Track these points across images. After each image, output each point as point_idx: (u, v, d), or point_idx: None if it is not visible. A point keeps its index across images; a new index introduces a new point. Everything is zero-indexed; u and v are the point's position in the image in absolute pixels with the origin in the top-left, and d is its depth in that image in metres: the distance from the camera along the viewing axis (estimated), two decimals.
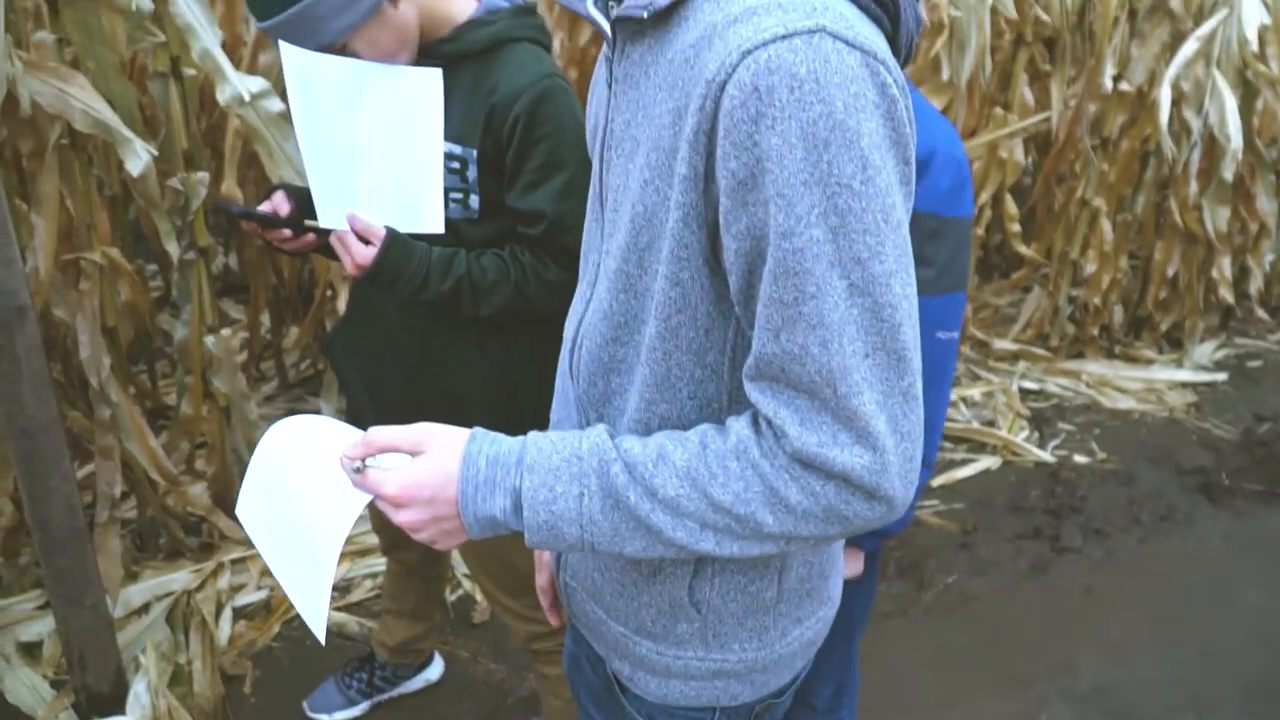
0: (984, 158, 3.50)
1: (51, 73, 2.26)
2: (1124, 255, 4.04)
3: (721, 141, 0.84)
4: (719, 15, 0.85)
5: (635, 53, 0.97)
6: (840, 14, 0.82)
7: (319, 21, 1.56)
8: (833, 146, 0.80)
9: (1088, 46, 3.48)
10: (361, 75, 1.64)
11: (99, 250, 2.49)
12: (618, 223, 0.99)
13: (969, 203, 1.53)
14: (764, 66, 0.80)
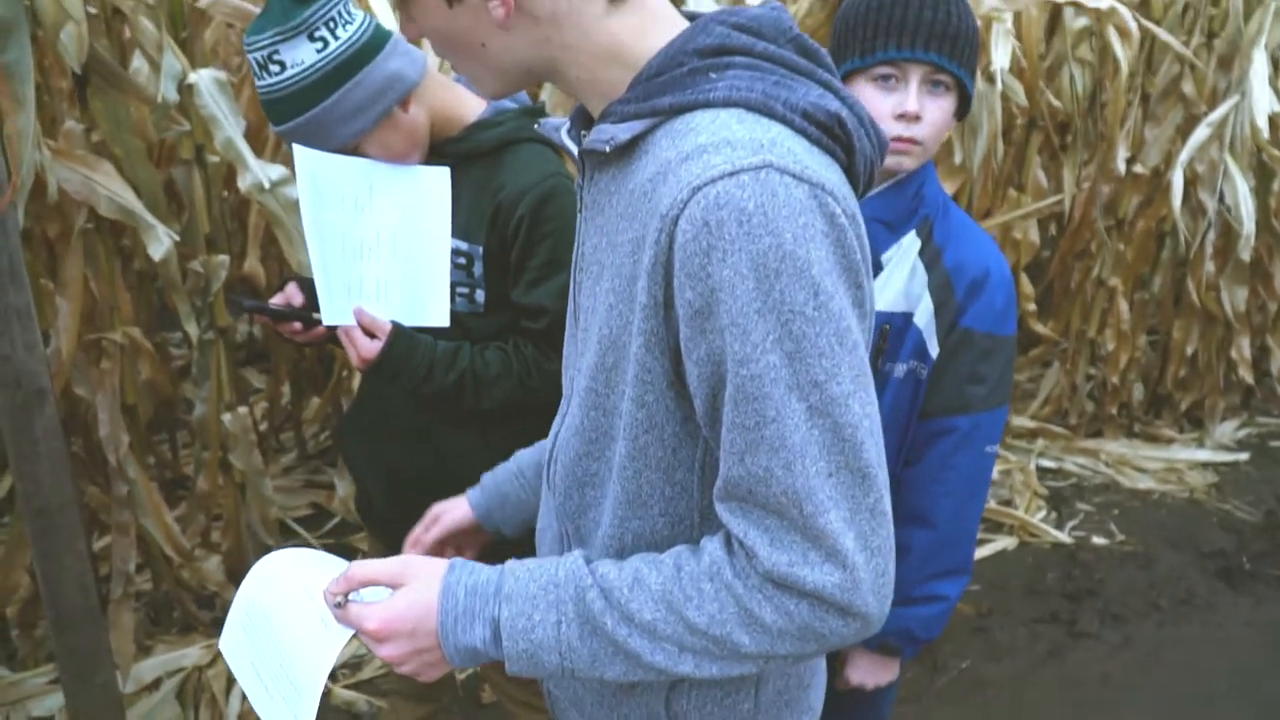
0: (998, 238, 3.52)
1: (79, 160, 2.34)
2: (1142, 334, 4.03)
3: (677, 273, 0.87)
4: (673, 152, 0.89)
5: (602, 181, 1.01)
6: (789, 149, 0.86)
7: (332, 126, 1.62)
8: (784, 276, 0.83)
9: (1100, 130, 3.50)
10: (372, 173, 1.69)
11: (121, 330, 2.55)
12: (588, 342, 1.02)
13: (1015, 320, 1.59)
14: (713, 202, 0.84)
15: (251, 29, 1.60)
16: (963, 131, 3.05)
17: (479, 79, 1.03)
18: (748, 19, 0.94)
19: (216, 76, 2.39)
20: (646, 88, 0.93)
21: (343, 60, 1.60)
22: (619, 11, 0.95)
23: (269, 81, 1.60)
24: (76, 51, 2.22)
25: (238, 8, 2.41)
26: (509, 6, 0.92)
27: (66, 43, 2.20)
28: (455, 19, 0.96)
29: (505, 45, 0.96)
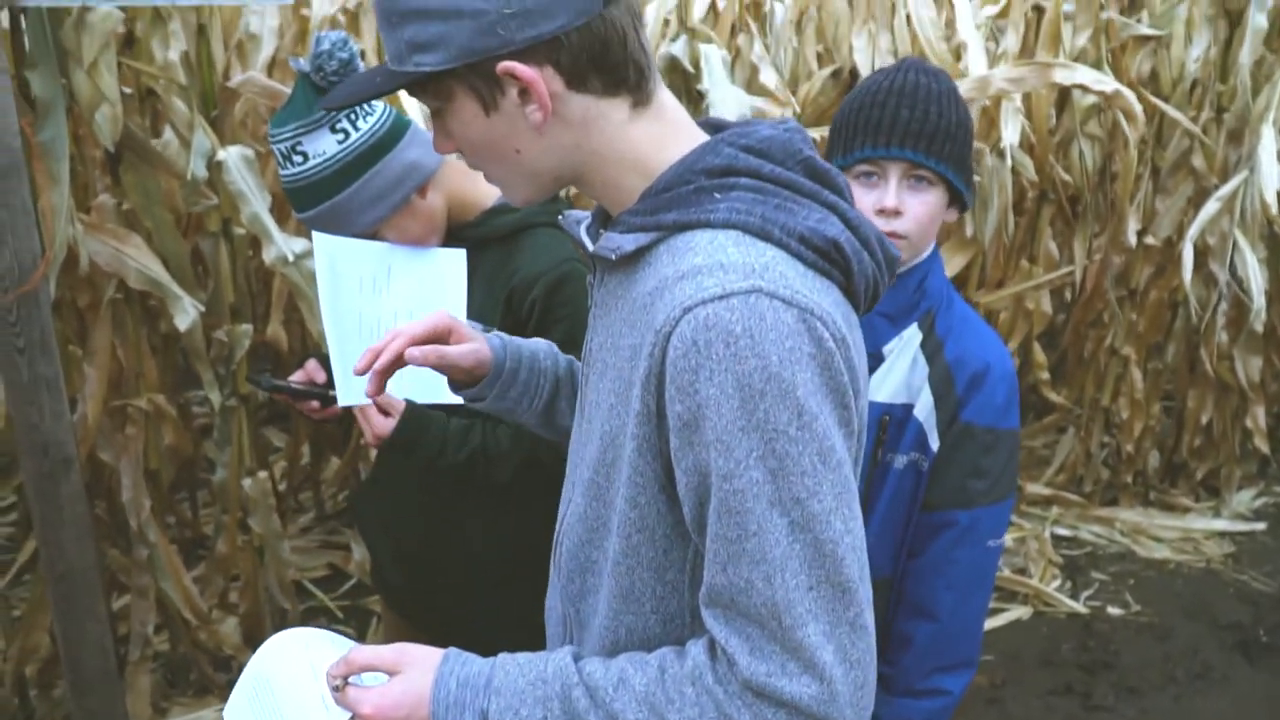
0: (1011, 308, 3.55)
1: (110, 234, 2.41)
2: (1156, 402, 4.03)
3: (668, 387, 0.91)
4: (672, 269, 0.94)
5: (610, 283, 1.06)
6: (780, 274, 0.90)
7: (353, 214, 1.68)
8: (768, 396, 0.87)
9: (1111, 202, 3.55)
10: (389, 256, 1.74)
11: (146, 397, 2.61)
12: (591, 435, 1.07)
13: (1017, 414, 1.60)
14: (702, 323, 0.88)
15: (275, 121, 1.66)
16: (974, 204, 3.10)
17: (510, 185, 1.07)
18: (758, 141, 0.99)
19: (244, 154, 2.47)
20: (654, 201, 0.98)
21: (363, 151, 1.66)
22: (642, 120, 1.00)
23: (292, 171, 1.67)
24: (111, 131, 2.30)
25: (267, 87, 2.50)
26: (547, 111, 0.96)
27: (101, 123, 2.29)
28: (493, 127, 0.99)
29: (538, 151, 1.00)
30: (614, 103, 0.99)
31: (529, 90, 0.95)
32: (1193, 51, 3.42)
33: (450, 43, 0.94)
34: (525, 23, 0.93)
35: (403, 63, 0.98)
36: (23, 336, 2.17)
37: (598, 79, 0.97)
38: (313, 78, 1.64)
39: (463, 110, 1.00)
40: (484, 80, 0.96)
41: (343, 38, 1.65)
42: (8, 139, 2.07)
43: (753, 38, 2.91)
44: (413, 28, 0.95)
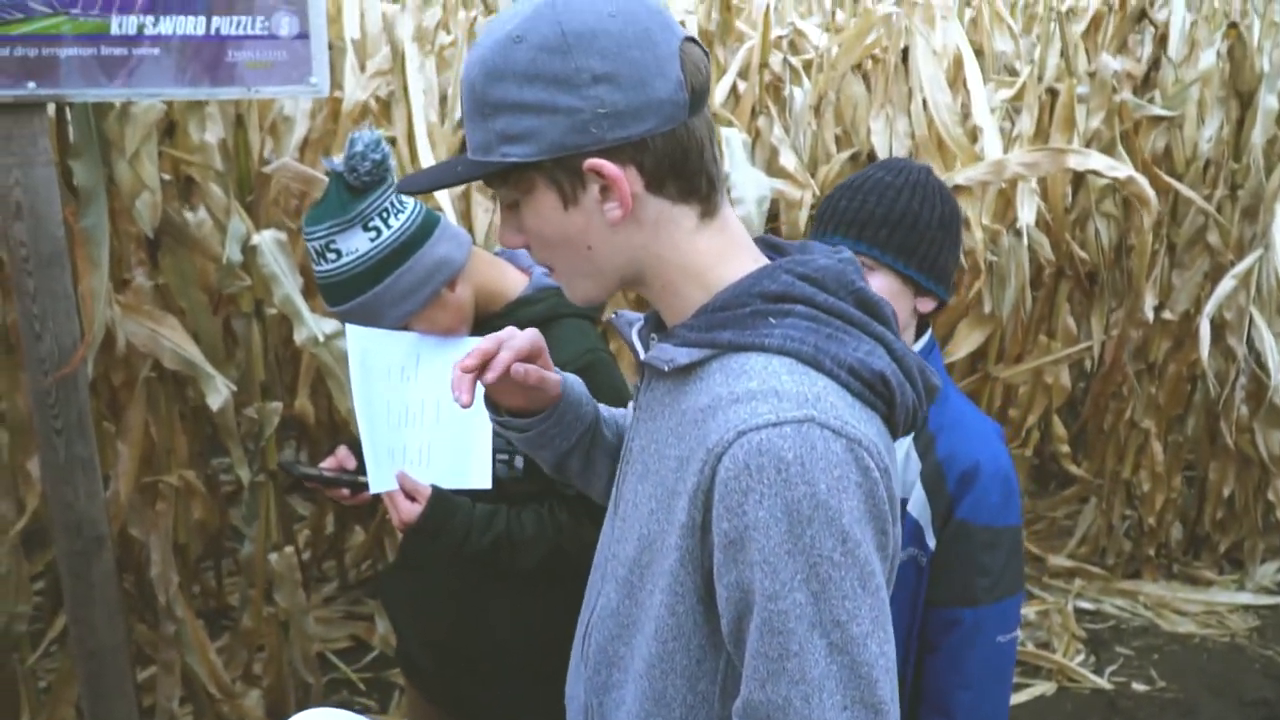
0: (1030, 382, 3.58)
1: (147, 315, 2.48)
2: (1178, 475, 4.03)
3: (716, 504, 0.94)
4: (726, 390, 0.97)
5: (658, 390, 1.09)
6: (832, 404, 0.94)
7: (384, 308, 1.73)
8: (815, 523, 0.91)
9: (1128, 278, 3.58)
10: (418, 345, 1.79)
11: (176, 473, 2.66)
12: (627, 534, 1.09)
13: (1017, 511, 1.61)
14: (755, 448, 0.92)
15: (310, 218, 1.72)
16: (992, 282, 3.14)
17: (575, 281, 1.09)
18: (814, 270, 1.02)
19: (278, 237, 2.54)
20: (711, 318, 1.01)
21: (395, 248, 1.71)
22: (707, 230, 1.04)
23: (326, 268, 1.72)
24: (150, 217, 2.38)
25: (300, 173, 2.58)
26: (626, 209, 0.99)
27: (141, 209, 2.37)
28: (569, 222, 1.02)
29: (610, 249, 1.03)
30: (685, 210, 1.02)
31: (611, 188, 0.98)
32: (1205, 131, 3.47)
33: (542, 137, 0.97)
34: (616, 123, 0.96)
35: (489, 153, 1.00)
36: (60, 418, 2.22)
37: (673, 185, 1.01)
38: (346, 178, 1.70)
39: (542, 203, 1.02)
40: (568, 175, 0.99)
41: (376, 139, 1.71)
42: (52, 228, 2.14)
43: (772, 120, 2.98)
44: (505, 120, 0.98)
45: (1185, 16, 3.68)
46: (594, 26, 0.96)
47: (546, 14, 0.97)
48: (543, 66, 0.96)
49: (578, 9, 0.97)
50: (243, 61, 2.18)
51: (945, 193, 1.67)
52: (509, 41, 0.98)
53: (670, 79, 0.98)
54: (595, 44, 0.96)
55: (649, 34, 0.98)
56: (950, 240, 1.65)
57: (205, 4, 2.13)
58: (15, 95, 2.04)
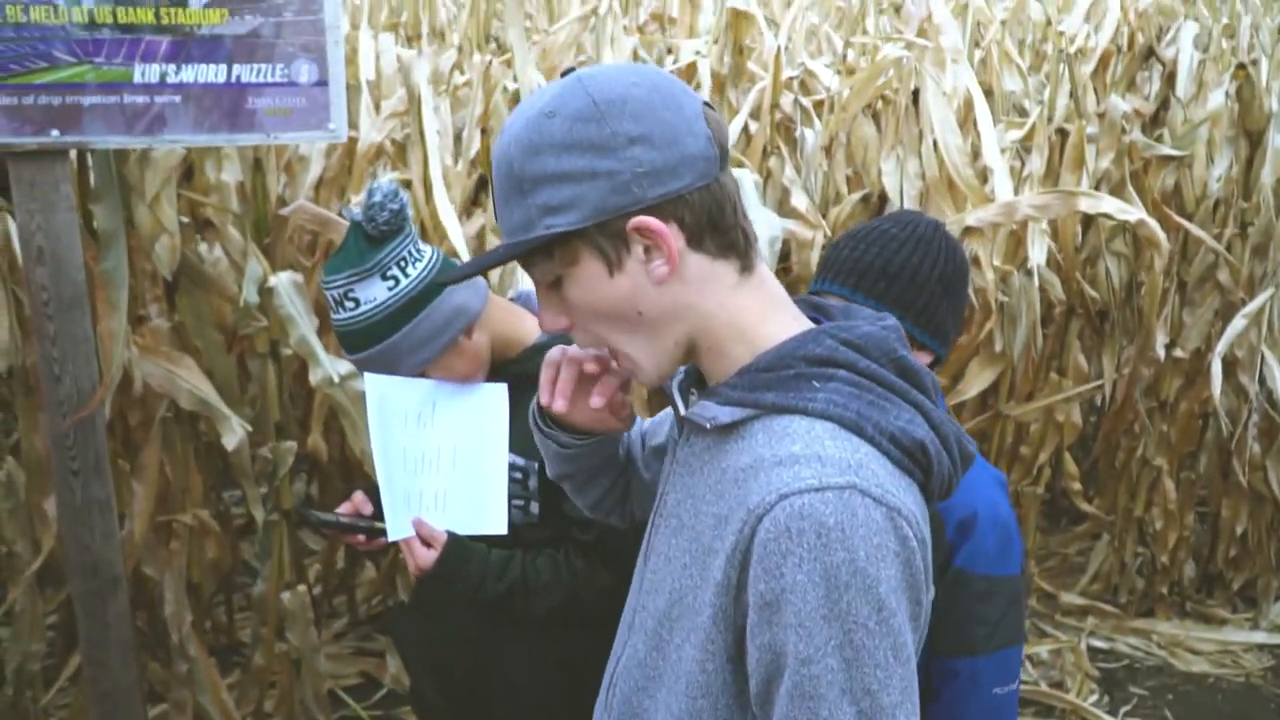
0: (1041, 420, 3.57)
1: (164, 356, 2.50)
2: (1190, 512, 4.01)
3: (754, 565, 0.95)
4: (768, 452, 0.98)
5: (697, 445, 1.10)
6: (873, 471, 0.95)
7: (402, 356, 1.74)
8: (852, 589, 0.92)
9: (1138, 316, 3.59)
10: (435, 392, 1.81)
11: (190, 512, 2.67)
12: (659, 587, 1.10)
13: (1016, 560, 1.61)
14: (797, 511, 0.93)
15: (329, 267, 1.74)
16: (1002, 321, 3.14)
17: (639, 357, 1.08)
18: (857, 336, 1.04)
19: (294, 279, 2.56)
20: (754, 378, 1.03)
21: (413, 296, 1.73)
22: (748, 286, 1.05)
23: (344, 316, 1.74)
24: (169, 260, 2.40)
25: (317, 215, 2.60)
26: (674, 264, 1.01)
27: (161, 252, 2.39)
28: (616, 288, 1.03)
29: (660, 311, 1.04)
30: (725, 266, 1.04)
31: (656, 245, 1.00)
32: (1215, 170, 3.49)
33: (585, 202, 0.99)
34: (655, 181, 0.98)
35: (531, 229, 1.01)
36: (78, 460, 2.24)
37: (712, 240, 1.02)
38: (365, 227, 1.72)
39: (587, 273, 1.02)
40: (611, 239, 1.00)
41: (394, 189, 1.73)
42: (73, 272, 2.17)
43: (784, 161, 3.00)
44: (547, 192, 1.00)
45: (1193, 55, 3.70)
46: (622, 94, 0.99)
47: (574, 88, 1.00)
48: (579, 135, 0.98)
49: (603, 80, 1.01)
50: (262, 108, 2.21)
51: (953, 251, 1.67)
52: (541, 117, 1.00)
53: (700, 136, 1.00)
54: (626, 108, 0.98)
55: (673, 97, 1.01)
56: (951, 298, 1.65)
57: (227, 52, 2.16)
58: (39, 143, 2.07)
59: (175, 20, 2.11)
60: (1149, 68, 3.91)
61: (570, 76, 1.03)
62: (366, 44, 3.20)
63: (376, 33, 3.27)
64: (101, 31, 2.07)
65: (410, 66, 2.50)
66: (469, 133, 2.75)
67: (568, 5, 4.30)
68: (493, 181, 1.07)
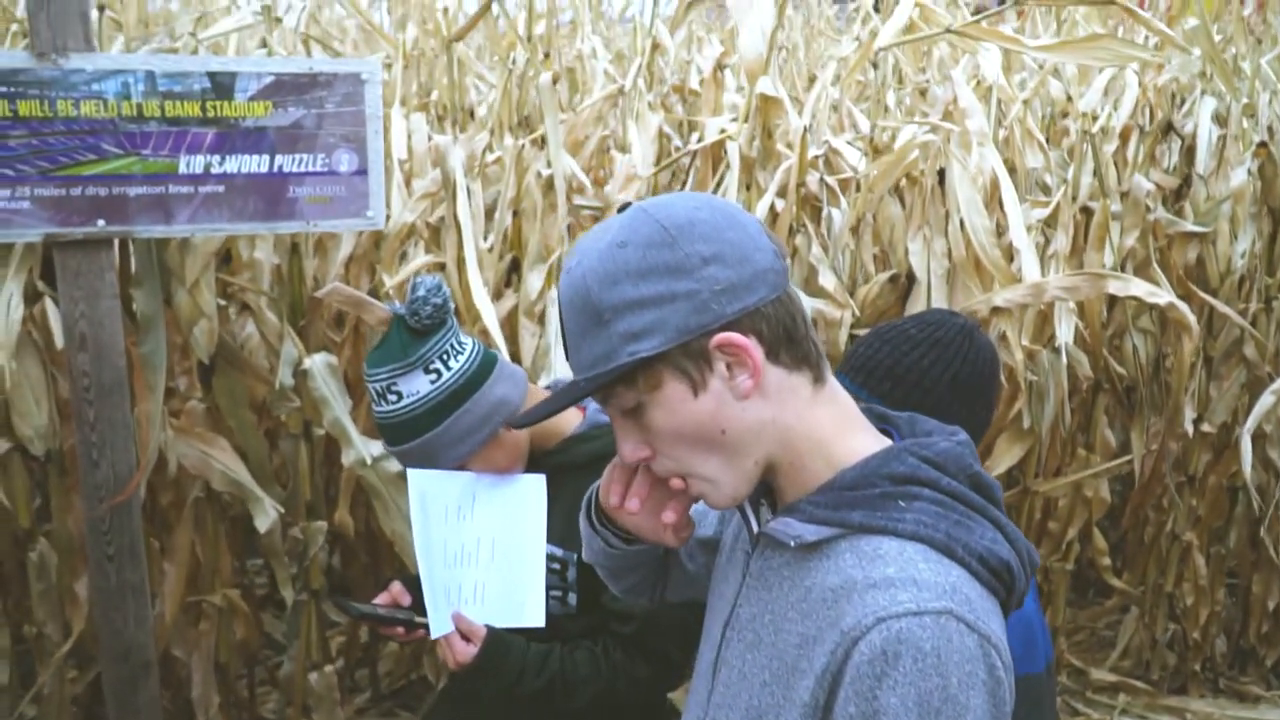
0: (1069, 495, 3.55)
1: (198, 437, 2.52)
2: (1221, 588, 3.97)
3: (845, 687, 0.96)
4: (860, 574, 0.99)
5: (774, 560, 1.10)
6: (967, 597, 0.96)
7: (443, 449, 1.75)
8: (943, 715, 0.92)
9: (1166, 390, 3.58)
10: (474, 485, 1.82)
11: (220, 593, 2.67)
12: (733, 702, 1.09)
13: (1041, 658, 1.60)
14: (894, 635, 0.93)
15: (371, 361, 1.75)
16: (1029, 397, 3.14)
17: (719, 480, 1.07)
18: (936, 454, 1.05)
19: (329, 361, 2.58)
20: (838, 497, 1.03)
21: (455, 389, 1.74)
22: (822, 398, 1.07)
23: (386, 409, 1.75)
24: (207, 344, 2.43)
25: (351, 297, 2.63)
26: (759, 376, 1.02)
27: (199, 336, 2.42)
28: (700, 408, 1.03)
29: (743, 428, 1.04)
30: (800, 378, 1.05)
31: (740, 360, 1.01)
32: (1239, 246, 3.50)
33: (667, 325, 1.00)
34: (733, 297, 1.00)
35: (613, 359, 1.02)
36: (113, 544, 2.25)
37: (787, 352, 1.04)
38: (408, 321, 1.74)
39: (671, 396, 1.03)
40: (693, 359, 1.02)
41: (437, 283, 1.75)
42: (114, 358, 2.19)
43: (810, 239, 3.02)
44: (627, 319, 1.01)
45: (1211, 129, 3.73)
46: (689, 218, 1.02)
47: (640, 217, 1.03)
48: (654, 260, 1.00)
49: (669, 208, 1.03)
50: (303, 197, 2.25)
51: (973, 355, 1.67)
52: (614, 248, 1.02)
53: (766, 251, 1.03)
54: (696, 231, 1.01)
55: (734, 217, 1.04)
56: (965, 402, 1.64)
57: (270, 143, 2.21)
58: (86, 233, 2.11)
59: (221, 113, 2.16)
60: (1168, 142, 3.95)
61: (632, 208, 1.05)
62: (399, 124, 3.25)
63: (409, 112, 3.32)
64: (149, 124, 2.12)
65: (446, 152, 2.54)
66: (500, 214, 2.79)
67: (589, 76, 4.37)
68: (563, 319, 1.08)
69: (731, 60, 3.88)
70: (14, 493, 2.44)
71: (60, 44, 2.03)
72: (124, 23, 3.11)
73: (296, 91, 2.20)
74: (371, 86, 2.25)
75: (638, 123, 3.62)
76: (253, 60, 2.16)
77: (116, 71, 2.08)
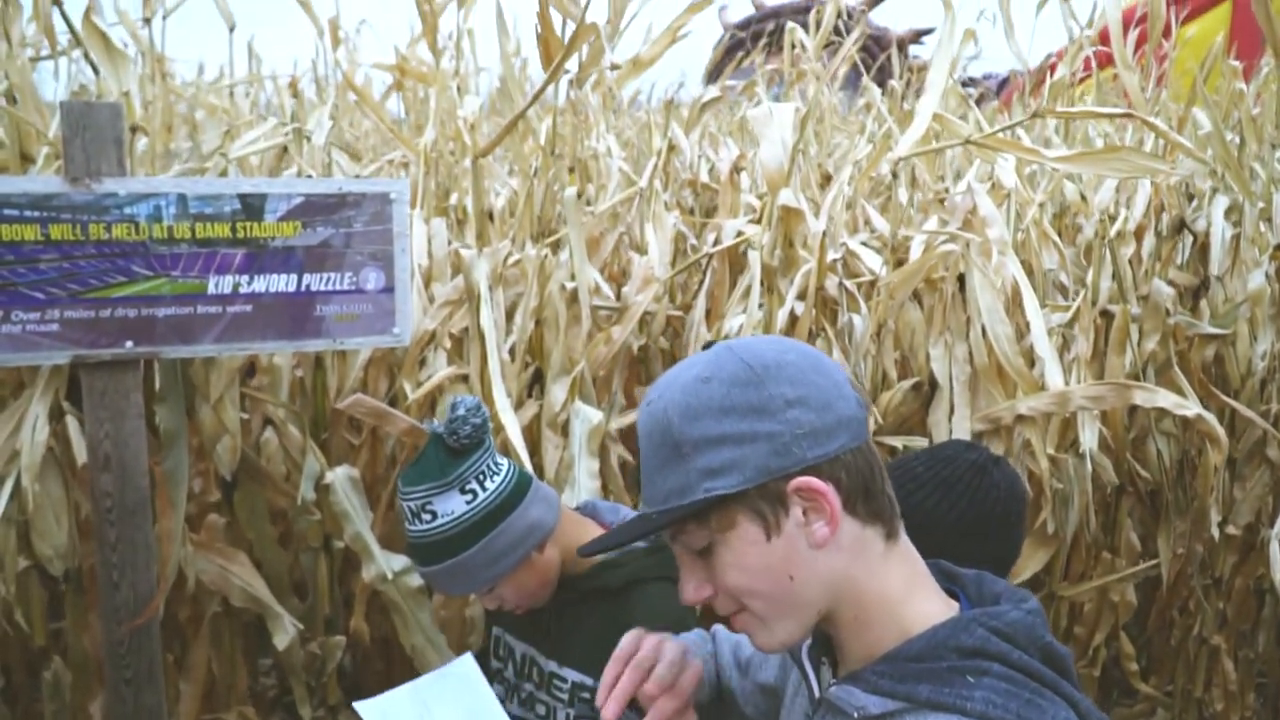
0: (1095, 600, 3.50)
1: (218, 552, 2.49)
2: (1250, 691, 3.89)
3: None
4: None
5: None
6: None
7: (475, 571, 1.71)
8: None
9: (1190, 494, 3.55)
10: (424, 693, 1.75)
11: (236, 710, 2.62)
12: None
13: None
14: None
15: (407, 479, 1.72)
16: (1054, 502, 3.11)
17: (775, 624, 1.05)
18: (1005, 625, 1.02)
19: (350, 474, 2.57)
20: (904, 668, 1.00)
21: (490, 510, 1.71)
22: (894, 555, 1.05)
23: (420, 528, 1.71)
24: (230, 461, 2.41)
25: (374, 408, 2.62)
26: (835, 524, 1.00)
27: (221, 453, 2.40)
28: (771, 552, 1.01)
29: (812, 575, 1.02)
30: (873, 533, 1.03)
31: (817, 506, 1.00)
32: (1259, 348, 3.49)
33: (746, 464, 0.99)
34: (815, 442, 0.99)
35: (689, 494, 1.01)
36: (131, 668, 2.21)
37: (863, 504, 1.02)
38: (446, 440, 1.71)
39: (744, 538, 1.01)
40: (770, 502, 1.00)
41: (476, 403, 1.73)
42: (138, 479, 2.18)
43: (830, 344, 3.02)
44: (707, 456, 1.00)
45: (1224, 228, 3.75)
46: (776, 359, 1.02)
47: (727, 355, 1.03)
48: (738, 398, 1.00)
49: (755, 348, 1.03)
50: (330, 315, 2.26)
51: (982, 496, 1.63)
52: (698, 383, 1.02)
53: (849, 399, 1.03)
54: (782, 373, 1.01)
55: (820, 363, 1.04)
56: (976, 545, 1.59)
57: (298, 262, 2.22)
58: (114, 354, 2.11)
59: (250, 233, 2.17)
60: (1181, 238, 3.96)
61: (718, 346, 1.05)
62: (419, 228, 3.27)
63: (428, 216, 3.35)
64: (179, 246, 2.13)
65: (471, 265, 2.55)
66: (523, 322, 2.79)
67: (604, 171, 4.40)
68: (641, 451, 1.07)
69: (747, 163, 3.93)
70: (30, 611, 2.41)
71: (94, 168, 2.05)
72: (150, 130, 3.14)
73: (325, 211, 2.21)
74: (399, 206, 2.27)
75: (654, 223, 3.64)
76: (283, 181, 2.18)
77: (149, 195, 2.09)
